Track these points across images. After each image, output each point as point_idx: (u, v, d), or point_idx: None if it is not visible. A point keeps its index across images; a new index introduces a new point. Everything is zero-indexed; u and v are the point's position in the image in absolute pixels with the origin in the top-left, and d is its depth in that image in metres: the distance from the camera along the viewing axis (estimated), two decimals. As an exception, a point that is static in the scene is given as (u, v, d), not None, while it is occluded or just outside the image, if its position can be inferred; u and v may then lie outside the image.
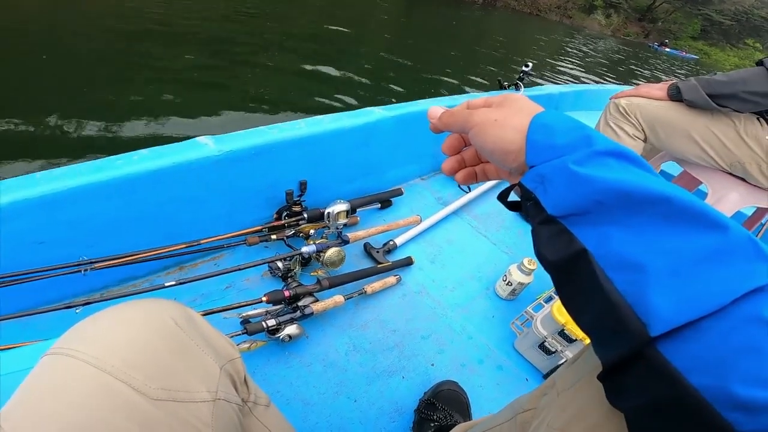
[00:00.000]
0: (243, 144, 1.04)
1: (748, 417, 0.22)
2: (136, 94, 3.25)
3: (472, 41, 10.56)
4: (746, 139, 1.19)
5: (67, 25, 4.45)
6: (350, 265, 1.18)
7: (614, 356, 0.29)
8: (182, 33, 5.04)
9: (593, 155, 0.31)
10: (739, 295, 0.24)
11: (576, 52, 13.75)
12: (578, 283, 0.31)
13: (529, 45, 12.67)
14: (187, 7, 6.26)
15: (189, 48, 4.58)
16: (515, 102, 0.39)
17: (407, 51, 7.17)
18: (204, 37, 5.13)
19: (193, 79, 3.80)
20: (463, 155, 0.46)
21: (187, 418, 0.35)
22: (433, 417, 0.86)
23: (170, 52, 4.30)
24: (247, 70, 4.30)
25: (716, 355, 0.24)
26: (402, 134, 1.49)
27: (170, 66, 3.96)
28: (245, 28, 6.00)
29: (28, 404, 0.30)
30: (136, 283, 1.01)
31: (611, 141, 0.32)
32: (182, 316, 0.41)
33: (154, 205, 0.95)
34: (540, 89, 2.33)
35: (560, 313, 0.97)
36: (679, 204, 0.27)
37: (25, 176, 0.81)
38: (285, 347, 0.95)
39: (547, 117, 0.35)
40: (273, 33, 6.07)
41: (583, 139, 0.32)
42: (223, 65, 4.31)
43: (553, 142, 0.33)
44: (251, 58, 4.65)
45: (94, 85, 3.24)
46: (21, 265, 0.79)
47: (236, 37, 5.38)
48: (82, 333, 0.35)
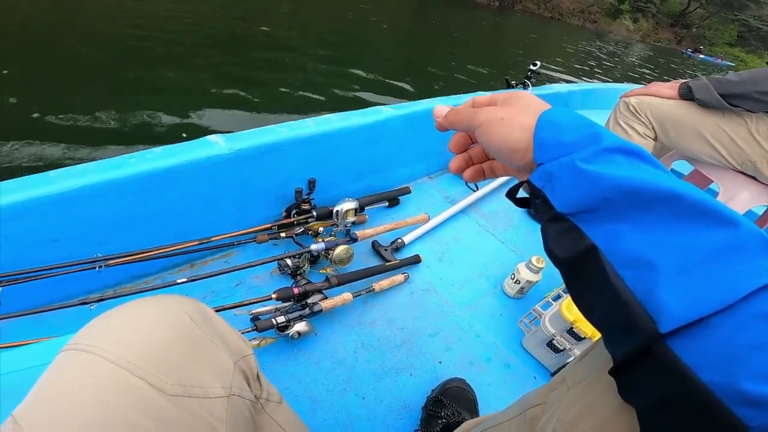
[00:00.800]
0: (253, 142, 1.05)
1: (758, 412, 0.22)
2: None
3: (490, 46, 10.49)
4: (758, 138, 1.18)
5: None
6: (358, 262, 1.19)
7: (624, 352, 0.29)
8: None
9: (601, 152, 0.31)
10: (749, 292, 0.24)
11: (604, 57, 13.46)
12: (588, 280, 0.31)
13: (554, 50, 12.44)
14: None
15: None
16: (521, 99, 0.39)
17: (424, 54, 7.18)
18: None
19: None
20: (470, 153, 0.46)
21: (202, 414, 0.35)
22: (440, 414, 0.86)
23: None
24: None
25: (726, 352, 0.24)
26: (410, 133, 1.49)
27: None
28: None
29: (46, 401, 0.30)
30: (148, 280, 1.03)
31: (620, 138, 0.32)
32: (197, 312, 0.41)
33: (166, 202, 0.97)
34: (549, 88, 2.31)
35: (569, 311, 0.97)
36: (689, 201, 0.27)
37: (40, 174, 0.82)
38: (294, 344, 0.96)
39: (555, 114, 0.35)
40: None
41: (591, 137, 0.32)
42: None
43: (561, 139, 0.33)
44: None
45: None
46: (36, 263, 0.80)
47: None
48: (98, 329, 0.35)
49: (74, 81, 3.32)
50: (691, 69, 19.47)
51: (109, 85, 3.39)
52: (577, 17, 26.63)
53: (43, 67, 3.42)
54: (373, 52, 6.58)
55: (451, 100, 1.63)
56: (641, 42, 27.00)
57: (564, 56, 10.82)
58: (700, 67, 20.87)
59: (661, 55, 20.80)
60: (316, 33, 6.81)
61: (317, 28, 7.53)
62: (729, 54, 33.43)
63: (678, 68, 18.38)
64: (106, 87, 3.34)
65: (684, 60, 21.68)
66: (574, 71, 8.73)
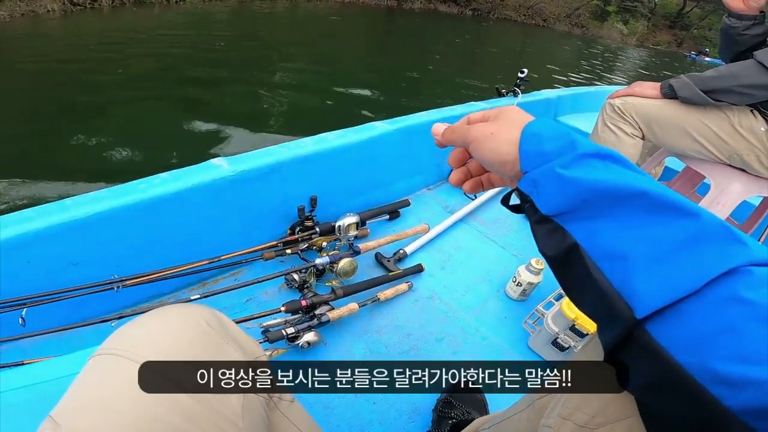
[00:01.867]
0: (254, 164, 1.10)
1: (732, 392, 0.24)
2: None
3: (469, 56, 10.32)
4: (741, 131, 1.21)
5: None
6: (363, 274, 1.22)
7: (611, 339, 0.32)
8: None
9: (578, 158, 0.34)
10: (713, 277, 0.27)
11: (598, 63, 12.99)
12: (575, 275, 0.34)
13: (540, 59, 11.84)
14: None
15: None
16: (508, 114, 0.42)
17: (397, 67, 7.17)
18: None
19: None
20: (468, 166, 0.49)
21: (222, 410, 0.38)
22: (450, 414, 0.88)
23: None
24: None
25: (697, 334, 0.26)
26: (406, 146, 1.54)
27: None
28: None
29: (82, 401, 0.33)
30: (163, 300, 1.07)
31: (594, 144, 0.36)
32: (213, 318, 0.45)
33: (176, 225, 1.02)
34: (538, 94, 2.36)
35: (570, 309, 0.99)
36: (654, 196, 0.30)
37: (56, 202, 0.88)
38: (304, 354, 0.99)
39: (537, 126, 0.39)
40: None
41: (568, 144, 0.36)
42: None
43: (542, 149, 0.37)
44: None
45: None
46: (57, 285, 0.85)
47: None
48: (125, 335, 0.38)
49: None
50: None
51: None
52: (563, 22, 24.07)
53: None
54: (346, 68, 6.65)
55: (444, 113, 1.68)
56: (640, 47, 25.24)
57: (557, 64, 10.66)
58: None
59: (660, 59, 19.75)
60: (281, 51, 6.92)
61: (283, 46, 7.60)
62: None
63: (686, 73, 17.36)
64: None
65: (689, 64, 20.34)
66: (565, 82, 8.61)
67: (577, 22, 24.99)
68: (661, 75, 13.62)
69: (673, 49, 27.66)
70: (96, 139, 3.29)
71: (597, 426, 0.39)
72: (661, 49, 26.59)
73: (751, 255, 0.28)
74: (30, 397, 0.53)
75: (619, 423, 0.37)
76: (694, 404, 0.26)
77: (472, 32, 15.34)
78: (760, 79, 1.12)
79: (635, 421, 0.35)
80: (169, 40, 6.68)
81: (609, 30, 26.18)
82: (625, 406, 0.37)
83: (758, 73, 1.12)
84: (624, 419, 0.37)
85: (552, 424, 0.44)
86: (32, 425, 0.31)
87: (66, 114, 3.68)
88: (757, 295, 0.25)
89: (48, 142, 3.21)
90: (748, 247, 0.28)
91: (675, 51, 27.12)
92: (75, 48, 5.93)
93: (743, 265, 0.27)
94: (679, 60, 21.60)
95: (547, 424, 0.45)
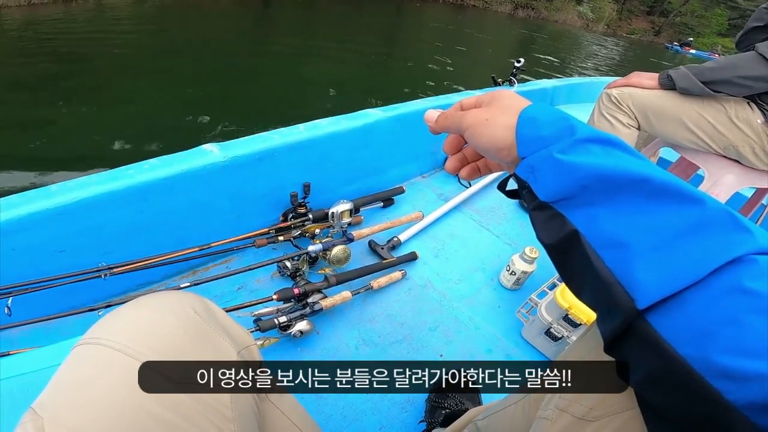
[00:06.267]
0: (246, 150, 1.08)
1: (735, 386, 0.23)
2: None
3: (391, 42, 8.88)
4: (737, 123, 1.21)
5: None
6: (356, 262, 1.21)
7: (611, 330, 0.31)
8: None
9: (576, 143, 0.33)
10: (717, 266, 0.25)
11: (557, 59, 10.89)
12: (574, 263, 0.33)
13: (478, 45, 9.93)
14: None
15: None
16: (503, 99, 0.41)
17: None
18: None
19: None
20: (464, 153, 0.48)
21: (209, 401, 0.37)
22: (443, 404, 0.88)
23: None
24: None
25: (700, 326, 0.25)
26: (400, 134, 1.52)
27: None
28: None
29: (64, 392, 0.32)
30: (152, 288, 1.05)
31: (593, 129, 0.34)
32: (201, 306, 0.43)
33: (165, 211, 0.99)
34: (534, 84, 2.35)
35: (563, 298, 0.99)
36: (656, 182, 0.29)
37: (42, 188, 0.85)
38: (297, 343, 0.98)
39: (533, 111, 0.38)
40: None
41: (566, 129, 0.34)
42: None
43: (540, 133, 0.35)
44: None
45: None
46: (43, 273, 0.83)
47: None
48: (109, 324, 0.37)
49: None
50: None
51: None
52: (506, 4, 20.20)
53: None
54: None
55: (439, 101, 1.66)
56: (612, 35, 21.01)
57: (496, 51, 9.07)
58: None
59: (634, 51, 16.92)
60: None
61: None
62: (723, 46, 25.17)
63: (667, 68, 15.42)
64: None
65: (670, 57, 17.65)
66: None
67: (523, 2, 21.08)
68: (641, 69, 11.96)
69: (650, 38, 24.62)
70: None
71: (595, 418, 0.38)
72: (635, 38, 23.37)
73: (757, 243, 0.26)
74: (16, 388, 0.52)
75: (617, 415, 0.37)
76: (696, 398, 0.25)
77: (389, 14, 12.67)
78: (759, 70, 1.12)
79: (634, 413, 0.34)
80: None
81: (567, 14, 22.19)
82: (624, 399, 0.36)
83: (758, 65, 1.12)
84: (622, 412, 0.36)
85: (549, 416, 0.44)
86: (19, 416, 0.30)
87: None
88: (761, 285, 0.24)
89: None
90: (754, 235, 0.27)
91: (652, 41, 24.05)
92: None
93: (748, 254, 0.26)
94: (657, 52, 19.06)
95: (544, 416, 0.45)
